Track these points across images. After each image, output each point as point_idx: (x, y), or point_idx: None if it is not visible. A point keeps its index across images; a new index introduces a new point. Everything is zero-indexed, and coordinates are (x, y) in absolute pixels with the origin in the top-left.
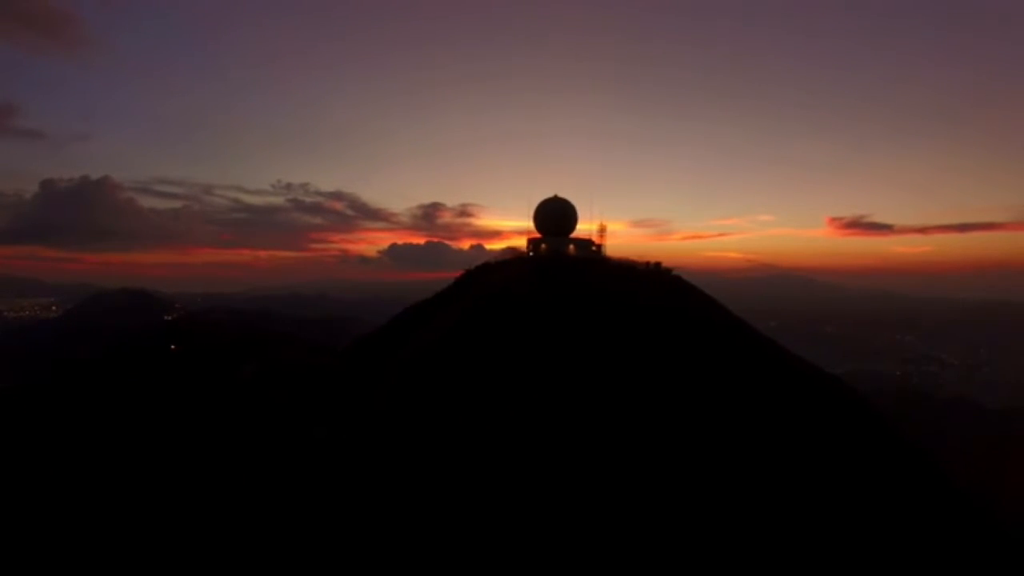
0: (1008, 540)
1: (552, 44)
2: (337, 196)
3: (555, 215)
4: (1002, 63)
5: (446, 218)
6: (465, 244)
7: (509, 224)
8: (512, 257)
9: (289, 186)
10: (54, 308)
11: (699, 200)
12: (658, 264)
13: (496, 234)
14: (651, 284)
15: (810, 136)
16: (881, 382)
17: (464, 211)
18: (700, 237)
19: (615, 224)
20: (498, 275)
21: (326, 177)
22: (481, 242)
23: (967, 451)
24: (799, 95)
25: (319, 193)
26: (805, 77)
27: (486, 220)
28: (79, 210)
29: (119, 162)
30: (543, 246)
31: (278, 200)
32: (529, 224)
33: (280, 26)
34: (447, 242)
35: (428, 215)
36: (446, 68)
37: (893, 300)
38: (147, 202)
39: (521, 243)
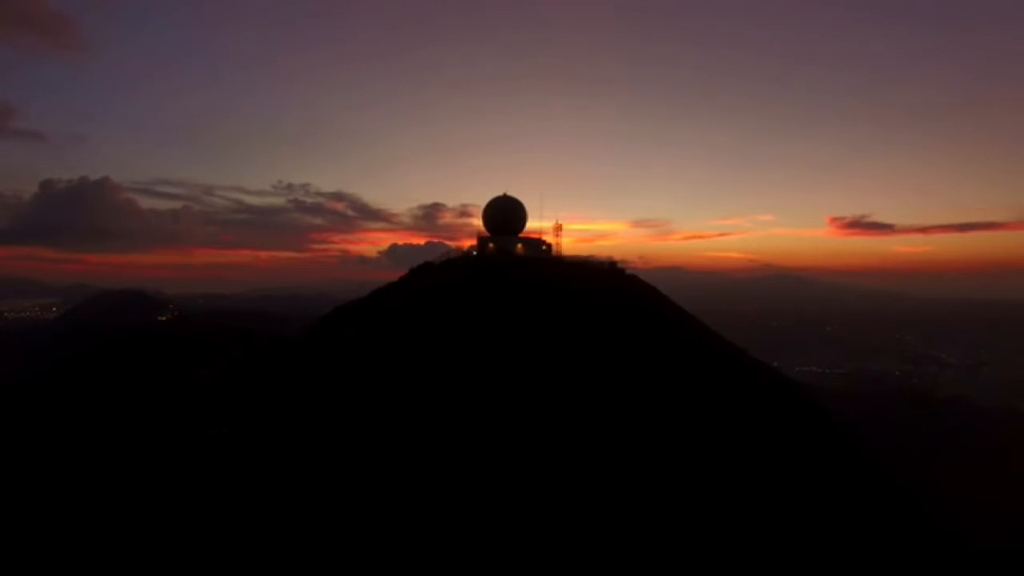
0: (923, 522)
1: (554, 45)
2: (338, 197)
3: (503, 214)
4: (1003, 62)
5: (447, 218)
6: (465, 244)
7: None
8: (459, 256)
9: (290, 187)
10: (55, 309)
11: (700, 200)
12: (613, 263)
13: None
14: (594, 282)
15: (811, 136)
16: (880, 382)
17: (465, 211)
18: (701, 237)
19: (616, 224)
20: (436, 275)
21: (327, 178)
22: None
23: (963, 451)
24: (799, 94)
25: (320, 194)
26: (806, 76)
27: None
28: (79, 211)
29: (120, 163)
30: (490, 245)
31: (279, 201)
32: (527, 223)
33: (281, 27)
34: (447, 242)
35: (429, 215)
36: (448, 68)
37: (894, 300)
38: (149, 203)
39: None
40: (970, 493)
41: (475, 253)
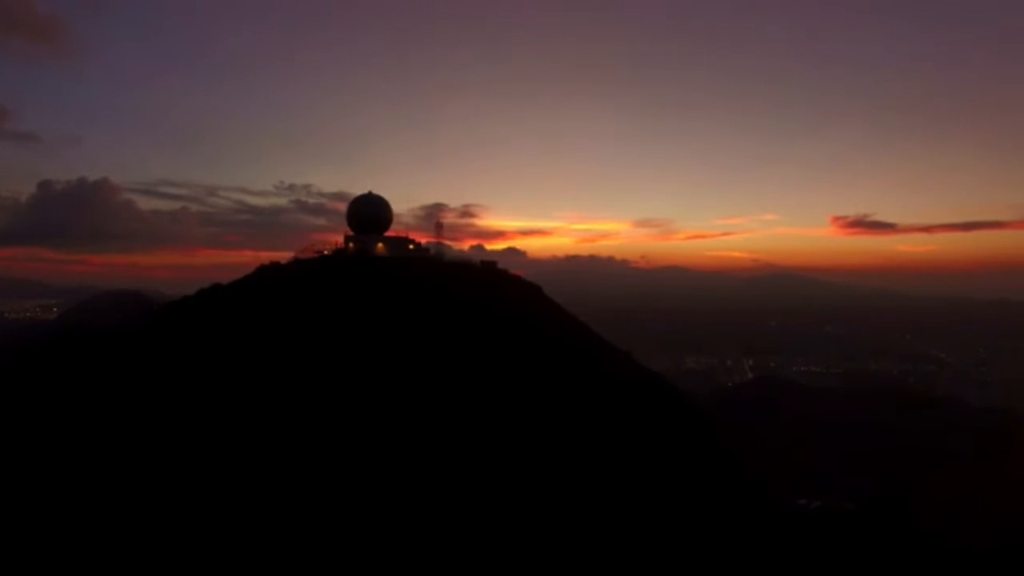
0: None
1: (555, 46)
2: (340, 197)
3: (363, 213)
4: (1007, 62)
5: (449, 219)
6: (466, 245)
7: (513, 224)
8: (311, 256)
9: (292, 187)
10: (55, 309)
11: (703, 199)
12: (492, 263)
13: (499, 234)
14: (451, 278)
15: (813, 135)
16: (876, 382)
17: (467, 212)
18: (704, 236)
19: (619, 224)
20: (278, 274)
21: (329, 178)
22: (482, 242)
23: (952, 450)
24: (802, 94)
25: (322, 194)
26: (808, 76)
27: (489, 220)
28: (77, 212)
29: (121, 165)
30: (350, 245)
31: (281, 201)
32: (529, 223)
33: (282, 29)
34: (448, 242)
35: (431, 216)
36: (451, 69)
37: (896, 299)
38: (152, 204)
39: (523, 243)
40: (959, 492)
41: (325, 252)
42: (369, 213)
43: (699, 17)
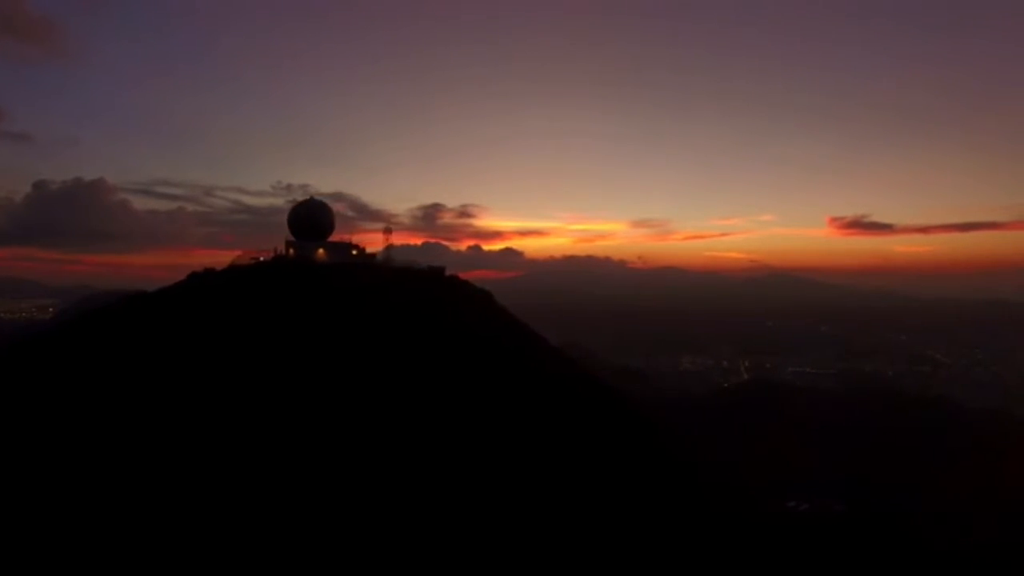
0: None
1: (553, 46)
2: (338, 197)
3: (304, 220)
4: (1003, 63)
5: (446, 219)
6: (463, 245)
7: (510, 224)
8: (248, 262)
9: (289, 187)
10: (51, 309)
11: (700, 200)
12: (441, 269)
13: (497, 234)
14: (387, 285)
15: (810, 136)
16: (872, 382)
17: (464, 212)
18: (702, 237)
19: (616, 224)
20: (208, 281)
21: (327, 178)
22: (480, 243)
23: (938, 450)
24: (799, 95)
25: (319, 194)
26: (805, 77)
27: (487, 221)
28: (73, 212)
29: (118, 165)
30: (290, 251)
31: (278, 201)
32: (526, 223)
33: (280, 28)
34: (445, 243)
35: (428, 216)
36: (449, 69)
37: (893, 300)
38: (150, 204)
39: (521, 243)
40: (954, 493)
41: (262, 259)
42: (310, 219)
43: (697, 18)
